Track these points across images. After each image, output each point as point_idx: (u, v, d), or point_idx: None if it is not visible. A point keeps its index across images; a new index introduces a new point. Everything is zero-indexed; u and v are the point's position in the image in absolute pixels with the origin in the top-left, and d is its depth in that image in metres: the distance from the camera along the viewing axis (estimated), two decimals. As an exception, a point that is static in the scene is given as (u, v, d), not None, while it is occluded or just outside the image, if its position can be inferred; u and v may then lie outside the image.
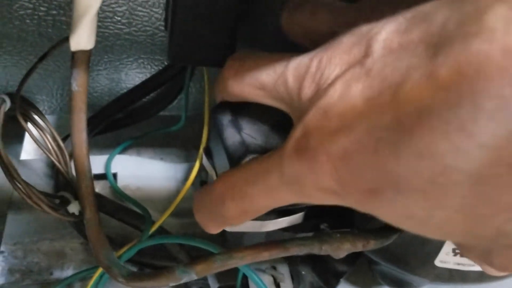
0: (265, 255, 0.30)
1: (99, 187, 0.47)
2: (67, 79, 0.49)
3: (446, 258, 0.36)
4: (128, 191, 0.47)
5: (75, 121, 0.32)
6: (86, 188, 0.34)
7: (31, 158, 0.49)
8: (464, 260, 0.36)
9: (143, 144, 0.55)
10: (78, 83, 0.30)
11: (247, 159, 0.34)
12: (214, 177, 0.39)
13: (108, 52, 0.47)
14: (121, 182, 0.48)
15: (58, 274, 0.43)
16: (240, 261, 0.30)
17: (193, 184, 0.50)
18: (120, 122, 0.51)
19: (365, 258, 0.41)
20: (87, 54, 0.29)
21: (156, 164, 0.51)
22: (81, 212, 0.37)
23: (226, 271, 0.44)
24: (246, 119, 0.37)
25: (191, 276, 0.30)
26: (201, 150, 0.41)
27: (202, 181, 0.50)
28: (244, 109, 0.38)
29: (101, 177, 0.48)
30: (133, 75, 0.50)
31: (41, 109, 0.51)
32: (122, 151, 0.52)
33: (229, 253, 0.30)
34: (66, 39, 0.28)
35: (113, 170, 0.48)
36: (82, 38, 0.28)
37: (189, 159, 0.55)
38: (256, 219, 0.35)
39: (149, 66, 0.49)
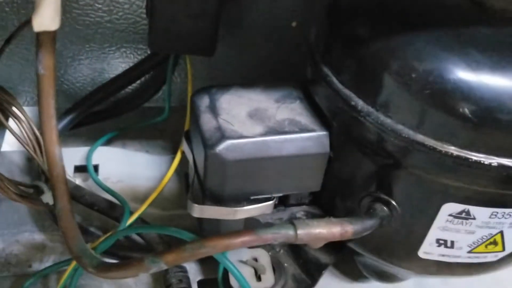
0: (238, 244, 0.29)
1: (80, 179, 0.47)
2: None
3: (430, 249, 0.35)
4: (109, 183, 0.46)
5: (44, 107, 0.31)
6: (57, 177, 0.33)
7: (13, 150, 0.48)
8: (449, 251, 0.35)
9: (129, 137, 0.54)
10: (44, 65, 0.29)
11: (222, 145, 0.33)
12: (191, 162, 0.38)
13: (89, 41, 0.47)
14: (102, 174, 0.47)
15: (37, 266, 0.42)
16: (212, 250, 0.29)
17: (177, 175, 0.49)
18: (103, 113, 0.50)
19: (349, 250, 0.40)
20: (52, 35, 0.28)
21: (140, 156, 0.50)
22: (55, 202, 0.36)
23: (208, 264, 0.43)
24: (224, 105, 0.36)
25: (161, 265, 0.29)
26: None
27: (187, 173, 0.49)
28: (222, 95, 0.37)
29: (82, 168, 0.47)
30: (116, 65, 0.49)
31: (23, 100, 0.51)
32: (106, 144, 0.51)
33: (200, 242, 0.29)
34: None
35: (95, 162, 0.48)
36: (46, 18, 0.27)
37: (176, 152, 0.54)
38: (231, 205, 0.34)
39: (132, 56, 0.48)
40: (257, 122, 0.35)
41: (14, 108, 0.40)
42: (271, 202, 0.36)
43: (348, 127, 0.33)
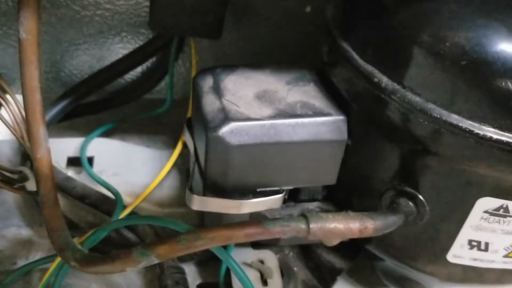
0: (240, 236, 0.25)
1: (73, 171, 0.43)
2: (47, 53, 0.46)
3: (460, 252, 0.30)
4: (104, 176, 0.42)
5: (26, 78, 0.28)
6: (41, 159, 0.29)
7: (1, 139, 0.45)
8: (482, 254, 0.30)
9: (128, 130, 0.50)
10: (26, 28, 0.26)
11: (226, 127, 0.29)
12: (192, 151, 0.34)
13: (87, 23, 0.43)
14: (97, 167, 0.43)
15: (23, 264, 0.38)
16: (210, 242, 0.25)
17: (178, 171, 0.46)
18: (101, 104, 0.47)
19: (366, 253, 0.35)
20: (35, -7, 0.25)
21: (138, 149, 0.46)
22: (39, 189, 0.32)
23: (208, 267, 0.39)
24: (230, 86, 0.32)
25: (151, 259, 0.25)
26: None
27: (188, 169, 0.46)
28: (228, 76, 0.33)
29: (76, 161, 0.44)
30: (116, 51, 0.46)
31: (16, 87, 0.47)
32: (104, 136, 0.48)
33: (197, 233, 0.25)
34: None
35: (90, 154, 0.44)
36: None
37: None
38: (235, 198, 0.30)
39: (133, 41, 0.45)
40: (266, 104, 0.31)
41: (6, 95, 0.37)
42: (280, 195, 0.32)
43: (369, 109, 0.29)
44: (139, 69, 0.47)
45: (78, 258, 0.27)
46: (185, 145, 0.42)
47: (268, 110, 0.31)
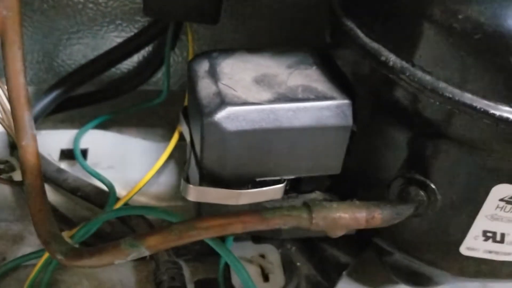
0: (237, 226, 0.23)
1: (66, 163, 0.41)
2: (39, 43, 0.44)
3: (474, 244, 0.29)
4: (98, 169, 0.40)
5: (9, 59, 0.26)
6: (26, 147, 0.28)
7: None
8: (498, 246, 0.28)
9: (125, 122, 0.48)
10: (7, 4, 0.24)
11: (222, 112, 0.27)
12: (188, 140, 0.33)
13: (80, 11, 0.42)
14: (91, 159, 0.41)
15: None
16: (203, 232, 0.23)
17: (176, 162, 0.44)
18: (96, 95, 0.46)
19: (374, 246, 0.33)
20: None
21: (134, 142, 0.45)
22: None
23: (207, 262, 0.37)
24: (226, 70, 0.30)
25: (141, 250, 0.23)
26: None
27: (186, 162, 0.44)
28: (225, 60, 0.32)
29: (70, 154, 0.42)
30: (111, 40, 0.44)
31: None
32: (99, 128, 0.46)
33: (190, 223, 0.23)
34: None
35: (84, 146, 0.42)
36: None
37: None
38: (233, 188, 0.28)
39: (128, 29, 0.43)
40: (265, 88, 0.29)
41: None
42: (280, 185, 0.30)
43: (376, 91, 0.27)
44: (135, 59, 0.45)
45: (64, 252, 0.26)
46: (181, 137, 0.40)
47: (267, 94, 0.29)
